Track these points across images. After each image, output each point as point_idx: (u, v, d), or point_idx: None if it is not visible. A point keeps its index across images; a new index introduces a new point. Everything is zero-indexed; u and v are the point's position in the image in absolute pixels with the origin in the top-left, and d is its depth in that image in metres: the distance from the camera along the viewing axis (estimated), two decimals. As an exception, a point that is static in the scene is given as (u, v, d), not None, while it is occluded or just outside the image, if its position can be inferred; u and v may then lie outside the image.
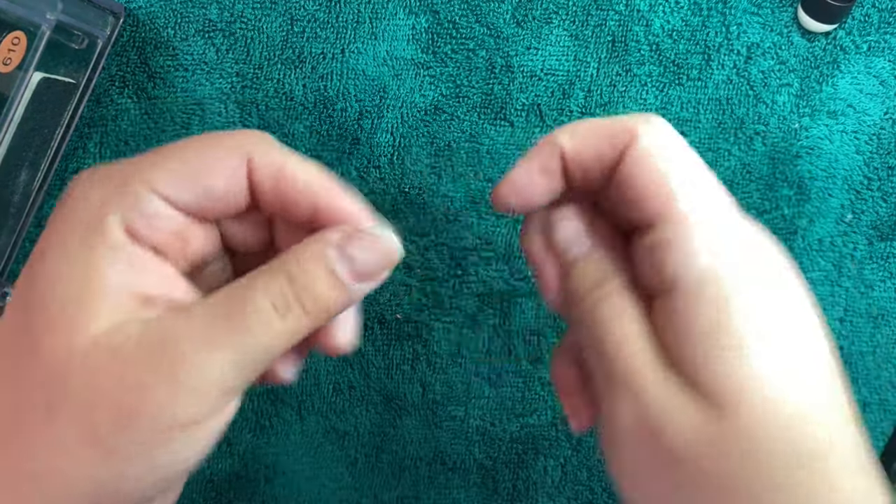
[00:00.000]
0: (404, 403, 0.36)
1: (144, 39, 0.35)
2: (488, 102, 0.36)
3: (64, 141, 0.35)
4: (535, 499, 0.36)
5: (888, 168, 0.36)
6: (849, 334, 0.36)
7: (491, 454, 0.36)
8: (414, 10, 0.35)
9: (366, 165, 0.36)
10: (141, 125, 0.35)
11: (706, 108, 0.36)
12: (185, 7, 0.35)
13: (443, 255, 0.36)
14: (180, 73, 0.35)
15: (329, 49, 0.35)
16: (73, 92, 0.34)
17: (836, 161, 0.36)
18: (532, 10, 0.35)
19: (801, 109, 0.36)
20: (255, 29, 0.35)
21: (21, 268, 0.35)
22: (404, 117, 0.36)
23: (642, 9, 0.36)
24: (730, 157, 0.36)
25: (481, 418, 0.36)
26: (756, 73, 0.36)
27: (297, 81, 0.35)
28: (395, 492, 0.36)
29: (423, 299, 0.36)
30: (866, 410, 0.36)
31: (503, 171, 0.36)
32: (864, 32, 0.36)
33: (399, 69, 0.35)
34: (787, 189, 0.36)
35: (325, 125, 0.36)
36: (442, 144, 0.36)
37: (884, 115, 0.36)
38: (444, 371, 0.36)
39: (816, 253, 0.36)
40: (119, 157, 0.35)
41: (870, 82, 0.36)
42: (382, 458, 0.36)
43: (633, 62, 0.36)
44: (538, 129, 0.36)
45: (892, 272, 0.36)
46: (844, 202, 0.36)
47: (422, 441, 0.36)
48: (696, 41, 0.36)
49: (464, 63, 0.36)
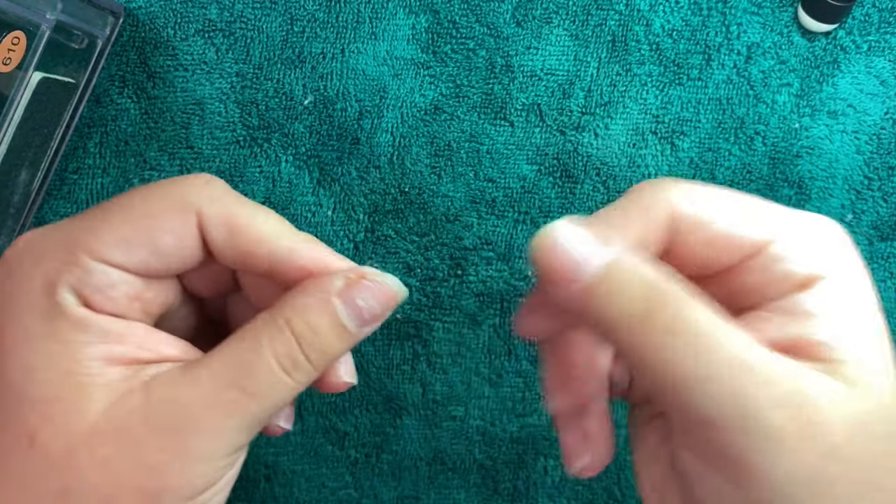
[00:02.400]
0: (404, 403, 0.36)
1: (144, 39, 0.35)
2: (488, 102, 0.36)
3: (64, 141, 0.34)
4: (535, 499, 0.36)
5: (888, 168, 0.36)
6: (849, 334, 0.36)
7: (491, 454, 0.36)
8: (414, 10, 0.35)
9: (366, 165, 0.36)
10: (141, 125, 0.35)
11: (706, 108, 0.36)
12: (185, 7, 0.35)
13: (443, 255, 0.36)
14: (180, 73, 0.35)
15: (329, 49, 0.35)
16: (72, 92, 0.34)
17: (836, 161, 0.36)
18: (532, 10, 0.35)
19: (801, 109, 0.36)
20: (255, 29, 0.35)
21: (21, 268, 0.35)
22: (404, 117, 0.36)
23: (642, 8, 0.36)
24: (730, 157, 0.36)
25: (481, 418, 0.36)
26: (756, 73, 0.36)
27: (297, 81, 0.35)
28: (395, 492, 0.36)
29: (423, 299, 0.36)
30: (866, 410, 0.36)
31: (503, 171, 0.36)
32: (865, 32, 0.36)
33: (399, 69, 0.35)
34: (787, 189, 0.36)
35: (325, 125, 0.35)
36: (442, 144, 0.36)
37: (884, 115, 0.36)
38: (444, 371, 0.36)
39: (816, 253, 0.36)
40: (119, 157, 0.35)
41: (870, 82, 0.36)
42: (382, 458, 0.36)
43: (633, 62, 0.36)
44: (538, 129, 0.36)
45: (893, 272, 0.36)
46: (845, 202, 0.36)
47: (422, 441, 0.36)
48: (696, 41, 0.36)
49: (464, 63, 0.36)
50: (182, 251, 0.20)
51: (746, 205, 0.20)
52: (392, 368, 0.36)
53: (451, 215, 0.36)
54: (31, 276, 0.18)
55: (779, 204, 0.22)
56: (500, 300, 0.36)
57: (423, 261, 0.36)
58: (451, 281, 0.36)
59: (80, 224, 0.19)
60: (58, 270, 0.18)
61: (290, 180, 0.35)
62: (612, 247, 0.18)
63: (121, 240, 0.19)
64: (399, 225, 0.36)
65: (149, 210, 0.19)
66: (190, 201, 0.19)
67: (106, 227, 0.19)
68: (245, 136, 0.35)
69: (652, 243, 0.20)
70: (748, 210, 0.20)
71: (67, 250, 0.18)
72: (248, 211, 0.20)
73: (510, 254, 0.36)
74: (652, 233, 0.19)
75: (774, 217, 0.20)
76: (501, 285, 0.36)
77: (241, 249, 0.20)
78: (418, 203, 0.36)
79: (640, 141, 0.36)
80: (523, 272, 0.36)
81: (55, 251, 0.18)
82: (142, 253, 0.19)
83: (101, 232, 0.19)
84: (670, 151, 0.36)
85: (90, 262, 0.18)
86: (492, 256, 0.36)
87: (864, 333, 0.19)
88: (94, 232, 0.19)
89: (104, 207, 0.19)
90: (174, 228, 0.19)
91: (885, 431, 0.18)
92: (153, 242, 0.19)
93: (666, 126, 0.36)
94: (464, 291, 0.36)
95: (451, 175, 0.36)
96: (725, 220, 0.19)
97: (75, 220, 0.19)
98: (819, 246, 0.20)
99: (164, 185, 0.20)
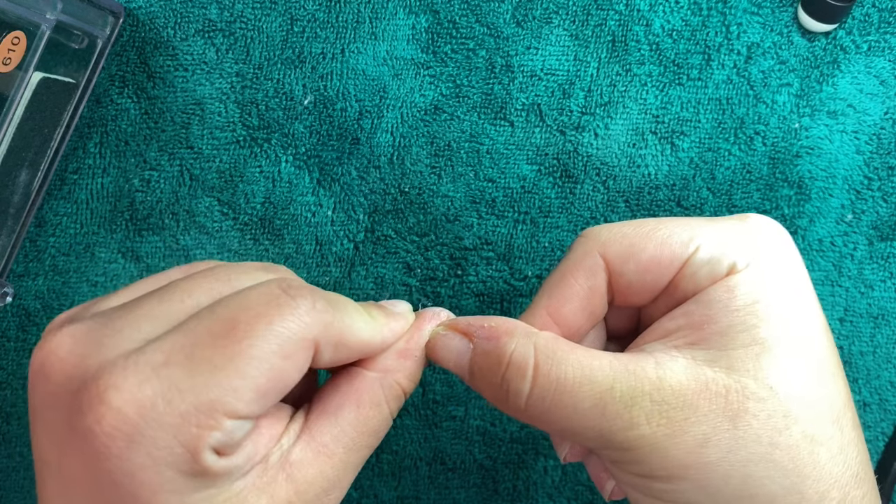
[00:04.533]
0: (404, 403, 0.36)
1: (144, 39, 0.35)
2: (488, 102, 0.36)
3: (64, 141, 0.35)
4: (535, 499, 0.36)
5: (888, 168, 0.36)
6: (849, 334, 0.36)
7: (491, 454, 0.36)
8: (414, 10, 0.35)
9: (366, 165, 0.36)
10: (141, 125, 0.35)
11: (706, 108, 0.36)
12: (185, 7, 0.35)
13: (443, 255, 0.36)
14: (180, 73, 0.35)
15: (329, 49, 0.35)
16: (72, 92, 0.34)
17: (836, 161, 0.36)
18: (532, 10, 0.35)
19: (801, 109, 0.36)
20: (255, 29, 0.35)
21: (21, 268, 0.35)
22: (404, 117, 0.36)
23: (642, 8, 0.36)
24: (730, 157, 0.36)
25: (481, 418, 0.36)
26: (756, 73, 0.36)
27: (297, 81, 0.35)
28: (395, 492, 0.36)
29: (423, 299, 0.36)
30: (866, 410, 0.36)
31: (503, 171, 0.36)
32: (865, 32, 0.36)
33: (399, 69, 0.35)
34: (787, 189, 0.36)
35: (325, 125, 0.35)
36: (442, 144, 0.36)
37: (884, 115, 0.36)
38: (444, 371, 0.36)
39: (816, 253, 0.36)
40: (119, 157, 0.35)
41: (870, 82, 0.36)
42: (382, 458, 0.36)
43: (633, 62, 0.36)
44: (538, 129, 0.36)
45: (893, 272, 0.36)
46: (845, 202, 0.36)
47: (422, 441, 0.36)
48: (696, 41, 0.36)
49: (464, 63, 0.36)
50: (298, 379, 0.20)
51: (668, 226, 0.22)
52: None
53: (451, 215, 0.36)
54: (170, 448, 0.17)
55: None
56: (500, 300, 0.36)
57: (423, 261, 0.36)
58: (451, 281, 0.36)
59: (212, 381, 0.18)
60: (200, 437, 0.17)
61: (290, 180, 0.35)
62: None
63: (260, 395, 0.18)
64: (399, 225, 0.36)
65: (281, 356, 0.19)
66: (312, 336, 0.19)
67: (246, 384, 0.18)
68: (245, 136, 0.35)
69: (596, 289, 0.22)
70: (670, 231, 0.22)
71: (208, 415, 0.18)
72: (346, 323, 0.21)
73: (510, 254, 0.36)
74: (591, 279, 0.22)
75: (695, 230, 0.22)
76: (501, 285, 0.36)
77: (342, 358, 0.21)
78: (418, 203, 0.36)
79: (640, 141, 0.36)
80: (523, 272, 0.36)
81: (193, 419, 0.17)
82: (275, 398, 0.19)
83: (241, 391, 0.18)
84: (670, 151, 0.36)
85: (231, 423, 0.18)
86: (492, 256, 0.36)
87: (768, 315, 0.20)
88: (235, 392, 0.18)
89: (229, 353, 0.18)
90: (301, 368, 0.19)
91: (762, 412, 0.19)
92: (286, 385, 0.19)
93: (666, 126, 0.36)
94: (464, 291, 0.36)
95: (451, 175, 0.36)
96: (651, 247, 0.22)
97: (201, 374, 0.18)
98: (738, 242, 0.21)
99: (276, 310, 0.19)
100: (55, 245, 0.35)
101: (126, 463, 0.17)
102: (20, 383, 0.35)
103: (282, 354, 0.18)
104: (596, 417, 0.19)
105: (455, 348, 0.22)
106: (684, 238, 0.21)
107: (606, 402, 0.19)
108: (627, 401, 0.19)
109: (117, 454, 0.17)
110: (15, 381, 0.35)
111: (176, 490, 0.17)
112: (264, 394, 0.18)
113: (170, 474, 0.17)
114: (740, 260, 0.21)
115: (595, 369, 0.20)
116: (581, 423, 0.20)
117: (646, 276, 0.22)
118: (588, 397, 0.19)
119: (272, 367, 0.18)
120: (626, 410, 0.19)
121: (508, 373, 0.20)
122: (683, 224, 0.22)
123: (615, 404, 0.19)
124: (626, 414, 0.19)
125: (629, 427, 0.19)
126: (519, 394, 0.20)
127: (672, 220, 0.22)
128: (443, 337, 0.22)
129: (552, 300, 0.23)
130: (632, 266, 0.22)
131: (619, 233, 0.22)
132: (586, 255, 0.22)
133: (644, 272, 0.22)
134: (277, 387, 0.19)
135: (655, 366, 0.20)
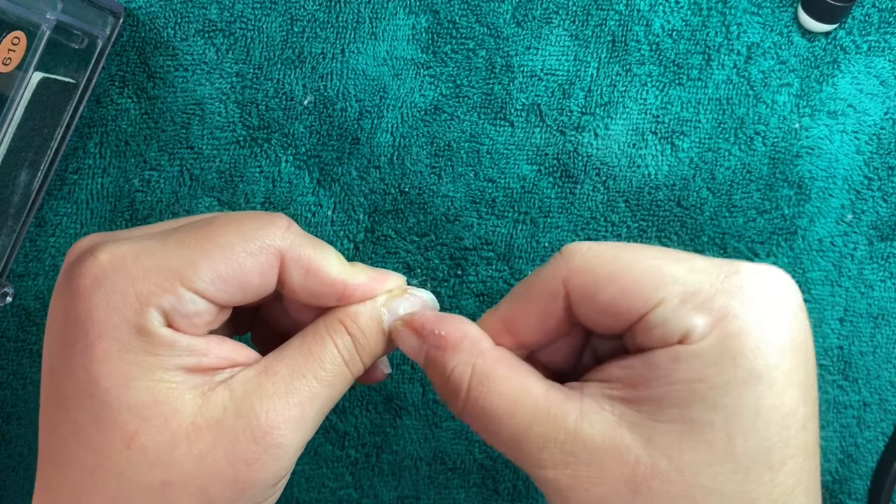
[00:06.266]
0: (404, 403, 0.36)
1: (144, 39, 0.35)
2: (488, 102, 0.36)
3: (64, 141, 0.35)
4: (535, 499, 0.36)
5: (888, 168, 0.36)
6: (849, 334, 0.36)
7: (491, 454, 0.36)
8: (414, 10, 0.35)
9: (366, 165, 0.36)
10: (141, 125, 0.35)
11: (706, 108, 0.36)
12: (185, 7, 0.35)
13: (443, 255, 0.36)
14: (180, 73, 0.35)
15: (329, 49, 0.35)
16: (72, 92, 0.34)
17: (836, 161, 0.36)
18: (532, 10, 0.35)
19: (801, 109, 0.36)
20: (255, 29, 0.35)
21: (21, 268, 0.35)
22: (404, 117, 0.36)
23: (642, 9, 0.36)
24: (730, 157, 0.36)
25: (481, 418, 0.36)
26: (756, 73, 0.36)
27: (297, 81, 0.35)
28: (395, 492, 0.36)
29: (423, 299, 0.36)
30: (866, 410, 0.36)
31: (503, 171, 0.36)
32: (864, 32, 0.36)
33: (399, 69, 0.35)
34: (787, 189, 0.36)
35: (325, 125, 0.36)
36: (442, 144, 0.36)
37: (884, 115, 0.36)
38: (444, 371, 0.36)
39: (816, 253, 0.36)
40: (119, 157, 0.35)
41: (870, 82, 0.36)
42: (382, 458, 0.36)
43: (633, 62, 0.36)
44: (538, 129, 0.36)
45: (892, 272, 0.36)
46: (844, 202, 0.36)
47: (422, 441, 0.36)
48: (696, 41, 0.36)
49: (464, 63, 0.36)
50: (262, 289, 0.22)
51: (641, 269, 0.20)
52: (392, 368, 0.36)
53: (451, 215, 0.36)
54: (124, 293, 0.20)
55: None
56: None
57: (423, 261, 0.36)
58: (451, 281, 0.36)
59: (177, 252, 0.20)
60: (153, 294, 0.20)
61: (290, 180, 0.35)
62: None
63: (217, 277, 0.20)
64: (399, 225, 0.36)
65: (244, 249, 0.21)
66: (277, 245, 0.21)
67: (206, 263, 0.20)
68: (245, 136, 0.35)
69: (552, 314, 0.22)
70: (639, 277, 0.20)
71: (164, 277, 0.20)
72: (320, 255, 0.22)
73: (510, 254, 0.36)
74: (550, 304, 0.22)
75: (668, 279, 0.20)
76: (501, 285, 0.36)
77: (312, 290, 0.22)
78: (418, 203, 0.36)
79: (640, 141, 0.36)
80: (523, 272, 0.36)
81: (152, 275, 0.20)
82: (232, 290, 0.21)
83: (200, 267, 0.20)
84: (670, 151, 0.36)
85: (185, 292, 0.20)
86: (492, 256, 0.36)
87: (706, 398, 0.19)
88: (193, 265, 0.20)
89: (199, 236, 0.21)
90: (263, 271, 0.21)
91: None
92: (244, 281, 0.21)
93: (666, 126, 0.36)
94: (464, 291, 0.36)
95: (451, 175, 0.36)
96: (612, 290, 0.20)
97: (171, 246, 0.21)
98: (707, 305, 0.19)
99: (252, 221, 0.22)
100: (55, 245, 0.35)
101: (87, 302, 0.20)
102: (20, 383, 0.35)
103: (245, 250, 0.21)
104: (513, 449, 0.20)
105: (412, 344, 0.23)
106: (649, 288, 0.20)
107: (522, 440, 0.20)
108: (541, 443, 0.20)
109: (83, 292, 0.20)
110: (15, 381, 0.35)
111: (119, 339, 0.19)
112: (223, 278, 0.20)
113: (117, 320, 0.19)
114: (699, 328, 0.19)
115: (520, 405, 0.20)
116: (502, 447, 0.21)
117: (601, 318, 0.21)
118: (507, 429, 0.20)
119: (234, 257, 0.21)
120: (538, 451, 0.20)
121: (448, 386, 0.22)
122: (660, 268, 0.20)
123: (529, 444, 0.20)
124: (537, 454, 0.20)
125: (538, 466, 0.20)
126: (455, 406, 0.22)
127: (652, 258, 0.20)
128: (401, 332, 0.23)
129: (510, 312, 0.23)
130: (589, 305, 0.21)
131: (590, 264, 0.21)
132: (550, 278, 0.21)
133: (600, 314, 0.21)
134: (237, 277, 0.21)
135: (579, 415, 0.20)
